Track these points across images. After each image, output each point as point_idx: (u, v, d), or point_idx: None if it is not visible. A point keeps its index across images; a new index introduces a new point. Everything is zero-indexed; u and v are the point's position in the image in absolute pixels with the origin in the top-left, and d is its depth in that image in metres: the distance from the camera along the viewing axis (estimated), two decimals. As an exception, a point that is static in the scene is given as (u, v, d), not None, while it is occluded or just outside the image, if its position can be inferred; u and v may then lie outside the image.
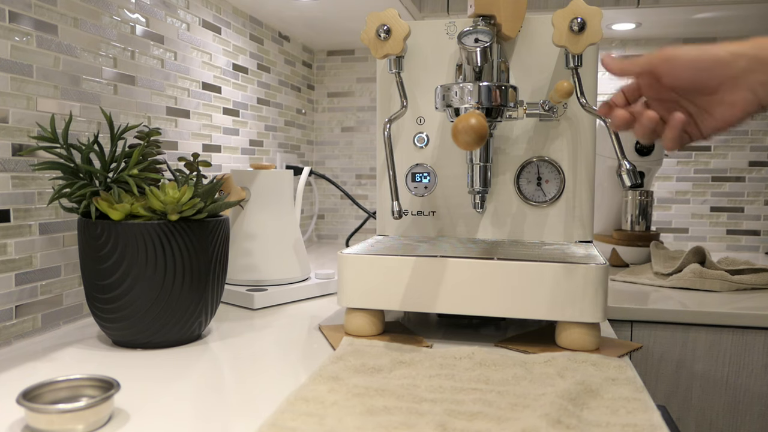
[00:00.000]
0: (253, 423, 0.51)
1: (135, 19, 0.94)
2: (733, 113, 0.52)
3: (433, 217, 0.92)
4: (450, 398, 0.54)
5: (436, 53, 0.90)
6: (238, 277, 0.99)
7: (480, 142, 0.67)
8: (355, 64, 1.75)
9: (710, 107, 0.53)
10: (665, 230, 1.69)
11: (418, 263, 0.71)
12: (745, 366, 0.98)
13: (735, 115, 0.52)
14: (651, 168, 1.39)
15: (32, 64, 0.75)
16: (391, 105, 0.92)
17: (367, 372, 0.60)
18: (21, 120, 0.74)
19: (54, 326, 0.80)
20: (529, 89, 0.88)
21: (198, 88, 1.13)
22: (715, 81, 0.51)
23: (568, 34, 0.79)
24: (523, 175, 0.89)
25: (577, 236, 0.88)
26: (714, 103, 0.52)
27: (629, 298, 1.05)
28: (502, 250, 0.77)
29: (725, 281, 1.11)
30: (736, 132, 1.64)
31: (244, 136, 1.33)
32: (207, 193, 0.73)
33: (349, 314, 0.75)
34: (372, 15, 0.83)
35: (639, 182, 1.38)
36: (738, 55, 0.51)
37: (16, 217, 0.74)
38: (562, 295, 0.68)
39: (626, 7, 1.33)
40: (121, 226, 0.67)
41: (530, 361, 0.64)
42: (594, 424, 0.49)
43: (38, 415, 0.48)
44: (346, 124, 1.77)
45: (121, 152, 0.73)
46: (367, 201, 1.77)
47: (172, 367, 0.65)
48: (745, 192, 1.64)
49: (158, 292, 0.68)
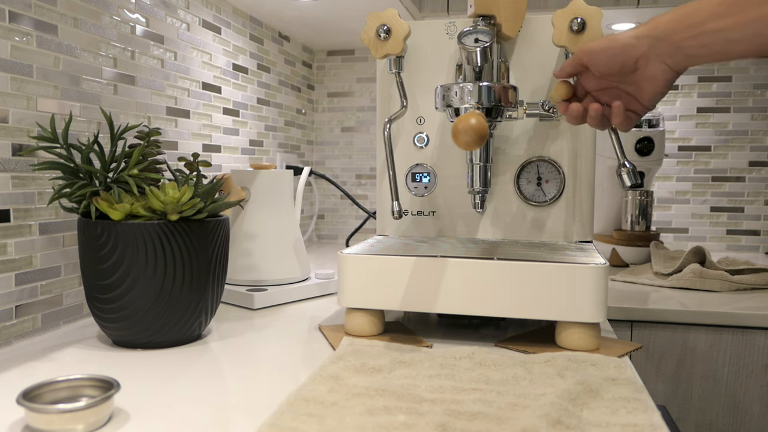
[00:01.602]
0: (253, 423, 0.51)
1: (135, 19, 0.94)
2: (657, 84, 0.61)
3: (433, 217, 0.92)
4: (450, 398, 0.54)
5: (436, 53, 0.90)
6: (238, 277, 0.99)
7: (480, 142, 0.67)
8: (355, 64, 1.75)
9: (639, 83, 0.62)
10: (665, 230, 1.69)
11: (418, 263, 0.71)
12: (745, 366, 0.98)
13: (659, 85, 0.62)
14: (651, 168, 1.39)
15: (32, 64, 0.75)
16: (391, 105, 0.92)
17: (367, 372, 0.60)
18: (21, 120, 0.74)
19: (54, 326, 0.80)
20: (529, 89, 0.88)
21: (198, 88, 1.13)
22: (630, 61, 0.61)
23: (568, 34, 0.80)
24: (523, 175, 0.89)
25: (577, 236, 0.88)
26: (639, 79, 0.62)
27: (629, 298, 1.05)
28: (502, 250, 0.77)
29: (725, 281, 1.11)
30: (736, 132, 1.64)
31: (244, 136, 1.33)
32: (207, 193, 0.73)
33: (349, 314, 0.75)
34: (372, 15, 0.83)
35: (639, 182, 1.38)
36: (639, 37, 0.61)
37: (16, 217, 0.74)
38: (562, 295, 0.68)
39: (626, 7, 1.33)
40: (121, 226, 0.67)
41: (530, 361, 0.64)
42: (594, 424, 0.49)
43: (38, 415, 0.48)
44: (346, 124, 1.77)
45: (121, 152, 0.73)
46: (367, 201, 1.77)
47: (172, 367, 0.65)
48: (745, 192, 1.64)
49: (158, 292, 0.68)
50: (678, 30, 0.59)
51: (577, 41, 0.80)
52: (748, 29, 0.55)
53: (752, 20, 0.55)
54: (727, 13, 0.56)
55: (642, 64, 0.62)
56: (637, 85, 0.63)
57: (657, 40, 0.60)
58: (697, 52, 0.59)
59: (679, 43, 0.60)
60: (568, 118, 0.68)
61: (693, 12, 0.59)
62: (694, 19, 0.59)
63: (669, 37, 0.60)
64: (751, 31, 0.55)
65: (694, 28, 0.59)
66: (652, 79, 0.62)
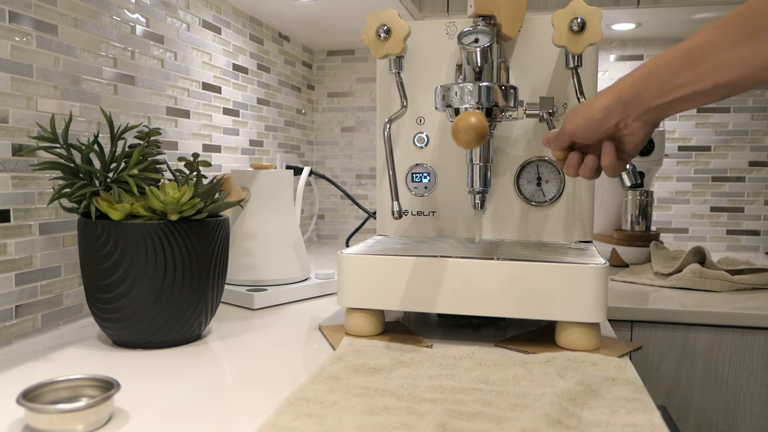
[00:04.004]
0: (253, 423, 0.51)
1: (135, 19, 0.94)
2: (637, 137, 0.65)
3: (433, 217, 0.92)
4: (450, 398, 0.54)
5: (436, 53, 0.90)
6: (238, 277, 0.99)
7: (480, 140, 0.67)
8: (355, 64, 1.75)
9: (621, 138, 0.66)
10: (665, 230, 1.69)
11: (418, 263, 0.71)
12: (745, 366, 0.98)
13: (640, 138, 0.65)
14: (651, 168, 1.39)
15: (32, 64, 0.75)
16: (391, 105, 0.92)
17: (367, 372, 0.60)
18: (21, 120, 0.74)
19: (54, 326, 0.80)
20: (529, 89, 0.88)
21: (198, 88, 1.13)
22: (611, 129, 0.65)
23: (568, 34, 0.80)
24: (523, 175, 0.89)
25: (577, 236, 0.88)
26: (621, 136, 0.66)
27: (629, 298, 1.05)
28: (502, 250, 0.77)
29: (725, 281, 1.11)
30: (736, 132, 1.64)
31: (244, 136, 1.33)
32: (207, 193, 0.73)
33: (349, 314, 0.75)
34: (372, 15, 0.83)
35: (639, 182, 1.38)
36: (610, 106, 0.64)
37: (16, 217, 0.74)
38: (562, 295, 0.68)
39: (626, 7, 1.33)
40: (121, 226, 0.67)
41: (530, 361, 0.64)
42: (594, 424, 0.49)
43: (38, 415, 0.48)
44: (346, 124, 1.77)
45: (121, 152, 0.73)
46: (367, 201, 1.77)
47: (172, 367, 0.65)
48: (745, 192, 1.64)
49: (158, 292, 0.68)
50: (644, 91, 0.62)
51: (577, 41, 0.80)
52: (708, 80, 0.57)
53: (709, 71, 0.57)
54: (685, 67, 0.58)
55: (622, 126, 0.65)
56: (620, 140, 0.67)
57: (627, 103, 0.63)
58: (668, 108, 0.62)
59: (648, 103, 0.62)
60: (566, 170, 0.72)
61: (655, 71, 0.61)
62: (656, 78, 0.61)
63: (637, 99, 0.62)
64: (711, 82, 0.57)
65: (658, 87, 0.61)
66: (632, 134, 0.65)
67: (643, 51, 1.66)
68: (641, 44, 1.66)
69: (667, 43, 1.64)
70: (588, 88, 0.85)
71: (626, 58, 1.67)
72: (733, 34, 0.55)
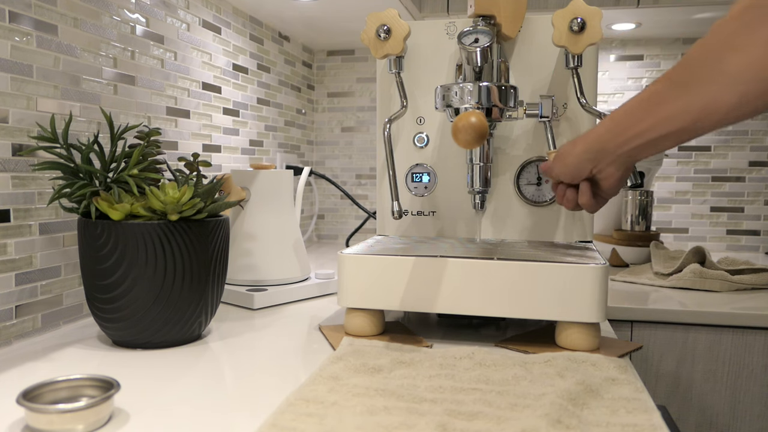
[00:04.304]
0: (253, 423, 0.51)
1: (135, 19, 0.94)
2: (612, 182, 0.69)
3: (433, 217, 0.92)
4: (450, 398, 0.54)
5: (436, 53, 0.90)
6: (238, 277, 0.99)
7: (480, 140, 0.67)
8: (355, 64, 1.75)
9: (599, 182, 0.71)
10: (665, 230, 1.69)
11: (418, 263, 0.71)
12: (745, 366, 0.98)
13: (614, 183, 0.70)
14: (651, 168, 1.39)
15: (32, 64, 0.75)
16: (391, 105, 0.92)
17: (367, 372, 0.60)
18: (21, 120, 0.74)
19: (54, 326, 0.80)
20: (529, 89, 0.88)
21: (198, 88, 1.13)
22: (587, 173, 0.70)
23: (568, 34, 0.80)
24: (523, 175, 0.89)
25: (577, 236, 0.88)
26: (599, 180, 0.70)
27: (629, 298, 1.05)
28: (502, 250, 0.77)
29: (725, 281, 1.11)
30: (736, 132, 1.64)
31: (244, 136, 1.33)
32: (207, 193, 0.73)
33: (349, 314, 0.75)
34: (372, 15, 0.83)
35: (639, 182, 1.37)
36: (582, 156, 0.69)
37: (16, 217, 0.74)
38: (562, 295, 0.68)
39: (626, 7, 1.33)
40: (121, 226, 0.67)
41: (530, 361, 0.64)
42: (594, 424, 0.49)
43: (38, 415, 0.48)
44: (346, 124, 1.77)
45: (121, 152, 0.73)
46: (367, 201, 1.77)
47: (172, 367, 0.65)
48: (745, 192, 1.64)
49: (158, 292, 0.68)
50: (611, 140, 0.65)
51: (577, 41, 0.80)
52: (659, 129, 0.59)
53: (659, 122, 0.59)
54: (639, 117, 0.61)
55: (596, 171, 0.69)
56: (597, 183, 0.71)
57: (598, 152, 0.67)
58: (635, 154, 0.65)
59: (615, 151, 0.66)
60: (557, 199, 0.77)
61: (619, 119, 0.64)
62: (620, 126, 0.64)
63: (606, 148, 0.66)
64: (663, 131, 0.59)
65: (622, 136, 0.64)
66: (607, 179, 0.69)
67: (643, 51, 1.66)
68: (641, 44, 1.66)
69: (667, 43, 1.64)
70: (588, 88, 0.85)
71: (626, 58, 1.67)
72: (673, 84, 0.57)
